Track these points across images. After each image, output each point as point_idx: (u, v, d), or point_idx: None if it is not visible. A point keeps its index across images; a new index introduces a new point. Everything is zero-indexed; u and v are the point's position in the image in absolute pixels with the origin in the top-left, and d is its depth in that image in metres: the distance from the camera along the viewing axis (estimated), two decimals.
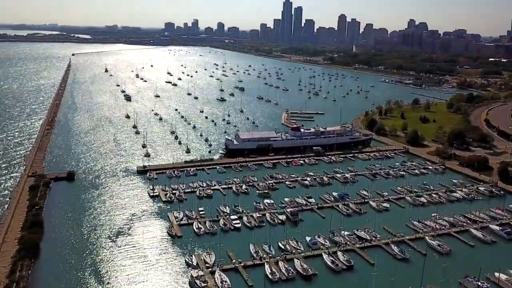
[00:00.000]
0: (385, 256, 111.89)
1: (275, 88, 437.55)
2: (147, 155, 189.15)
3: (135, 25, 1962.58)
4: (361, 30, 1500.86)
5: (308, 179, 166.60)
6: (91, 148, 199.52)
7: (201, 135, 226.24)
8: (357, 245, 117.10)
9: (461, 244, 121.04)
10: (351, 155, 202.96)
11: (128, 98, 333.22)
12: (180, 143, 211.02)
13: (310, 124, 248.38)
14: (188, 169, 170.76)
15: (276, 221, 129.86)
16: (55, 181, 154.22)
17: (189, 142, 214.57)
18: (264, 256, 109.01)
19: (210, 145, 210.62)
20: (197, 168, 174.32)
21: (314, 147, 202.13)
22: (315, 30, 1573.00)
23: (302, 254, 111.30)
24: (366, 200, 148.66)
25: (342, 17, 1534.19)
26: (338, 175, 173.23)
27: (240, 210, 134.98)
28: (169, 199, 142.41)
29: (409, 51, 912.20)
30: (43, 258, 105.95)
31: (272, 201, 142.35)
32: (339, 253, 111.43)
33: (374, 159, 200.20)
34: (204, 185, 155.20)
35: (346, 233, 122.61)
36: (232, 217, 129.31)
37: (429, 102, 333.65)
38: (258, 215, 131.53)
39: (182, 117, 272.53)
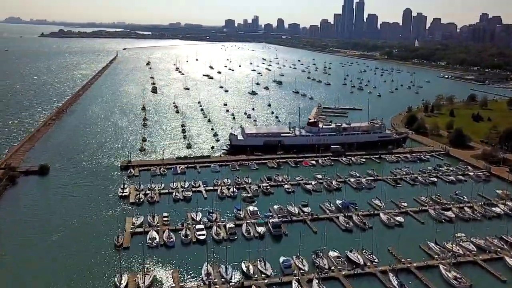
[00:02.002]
0: None
1: (317, 83, 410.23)
2: (142, 149, 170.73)
3: (197, 22, 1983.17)
4: (428, 25, 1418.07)
5: (313, 183, 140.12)
6: (86, 140, 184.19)
7: (212, 129, 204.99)
8: (344, 272, 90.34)
9: (490, 277, 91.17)
10: (376, 156, 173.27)
11: (154, 89, 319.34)
12: (185, 137, 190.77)
13: (342, 120, 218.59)
14: (176, 166, 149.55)
15: (252, 234, 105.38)
16: (25, 175, 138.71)
17: (196, 136, 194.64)
18: (216, 280, 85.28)
19: (218, 140, 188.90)
20: (189, 165, 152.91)
21: (332, 146, 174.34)
22: (378, 26, 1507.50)
23: (266, 281, 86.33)
24: (376, 212, 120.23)
25: (407, 12, 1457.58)
26: (351, 179, 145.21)
27: (213, 218, 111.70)
28: (137, 200, 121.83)
29: (478, 46, 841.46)
30: None
31: (256, 209, 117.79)
32: (315, 282, 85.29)
33: (405, 161, 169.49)
34: (186, 186, 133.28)
35: (334, 254, 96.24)
36: (198, 226, 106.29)
37: (486, 98, 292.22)
38: (231, 225, 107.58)
39: (202, 110, 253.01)
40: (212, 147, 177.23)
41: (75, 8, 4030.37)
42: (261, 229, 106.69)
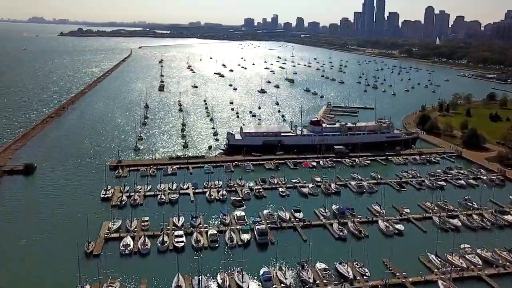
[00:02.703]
0: None
1: (330, 81, 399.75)
2: (136, 148, 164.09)
3: (217, 21, 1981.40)
4: (451, 23, 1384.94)
5: (310, 186, 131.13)
6: (81, 138, 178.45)
7: (213, 128, 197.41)
8: (331, 287, 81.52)
9: None
10: (383, 157, 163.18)
11: (161, 87, 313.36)
12: (183, 136, 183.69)
13: (351, 120, 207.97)
14: (167, 167, 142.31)
15: (235, 241, 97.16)
16: (10, 175, 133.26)
17: (196, 135, 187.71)
18: None
19: (217, 139, 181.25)
20: (181, 166, 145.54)
21: (335, 146, 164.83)
22: (400, 24, 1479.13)
23: None
24: (374, 219, 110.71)
25: (429, 9, 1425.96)
26: (352, 182, 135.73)
27: (196, 223, 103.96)
28: (119, 203, 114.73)
29: (502, 44, 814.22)
30: None
31: (243, 214, 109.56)
32: None
33: (413, 163, 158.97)
34: (174, 187, 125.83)
35: (322, 266, 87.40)
36: (177, 233, 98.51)
37: (506, 97, 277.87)
38: (213, 232, 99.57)
39: (206, 108, 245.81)
40: (210, 147, 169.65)
41: (97, 8, 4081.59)
42: (245, 237, 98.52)
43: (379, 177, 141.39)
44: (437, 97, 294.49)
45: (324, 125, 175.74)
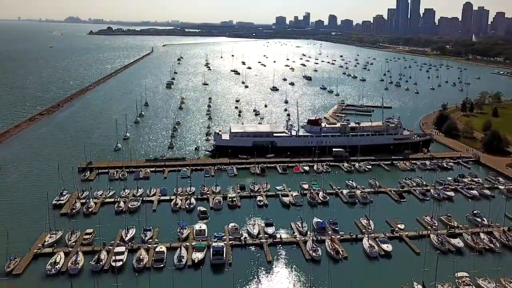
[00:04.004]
0: None
1: (352, 78, 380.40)
2: (116, 149, 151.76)
3: (249, 20, 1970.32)
4: (490, 20, 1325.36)
5: (294, 194, 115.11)
6: (62, 137, 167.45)
7: (208, 127, 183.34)
8: None
9: None
10: (388, 162, 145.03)
11: (168, 85, 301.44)
12: (172, 136, 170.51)
13: (364, 120, 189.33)
14: (140, 170, 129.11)
15: (184, 261, 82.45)
16: None
17: (187, 135, 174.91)
18: None
19: (208, 140, 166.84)
20: (156, 169, 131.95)
21: (334, 149, 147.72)
22: (436, 21, 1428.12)
23: None
24: (360, 236, 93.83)
25: (467, 5, 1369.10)
26: (344, 191, 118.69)
27: (147, 238, 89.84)
28: (69, 211, 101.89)
29: None
30: None
31: (205, 227, 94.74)
32: None
33: (422, 169, 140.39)
34: (139, 194, 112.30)
35: None
36: (118, 249, 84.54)
37: None
38: (160, 249, 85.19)
39: (209, 106, 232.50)
40: (197, 148, 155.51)
41: (132, 9, 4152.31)
42: (198, 256, 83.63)
43: (377, 184, 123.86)
44: (464, 96, 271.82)
45: (323, 124, 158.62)
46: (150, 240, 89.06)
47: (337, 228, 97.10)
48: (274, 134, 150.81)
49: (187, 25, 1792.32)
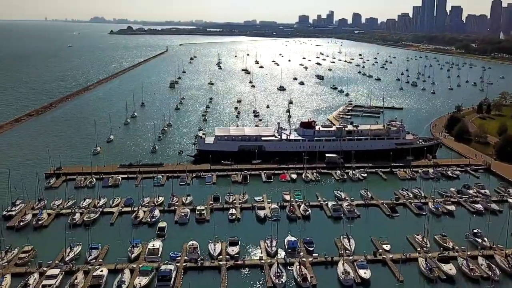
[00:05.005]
0: None
1: (367, 78, 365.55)
2: (95, 152, 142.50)
3: (272, 19, 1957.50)
4: None
5: (272, 206, 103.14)
6: (40, 140, 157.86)
7: (199, 129, 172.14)
8: None
9: None
10: (386, 169, 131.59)
11: (172, 84, 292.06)
12: (159, 139, 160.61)
13: (372, 122, 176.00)
14: (109, 177, 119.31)
15: (125, 287, 71.68)
16: None
17: (175, 138, 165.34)
18: None
19: (195, 143, 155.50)
20: (128, 176, 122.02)
21: (327, 155, 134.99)
22: (463, 19, 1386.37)
23: None
24: (335, 259, 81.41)
25: (496, 2, 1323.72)
26: (330, 203, 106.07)
27: (91, 258, 79.54)
28: (17, 224, 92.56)
29: None
30: None
31: (159, 245, 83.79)
32: None
33: (424, 178, 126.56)
34: (99, 204, 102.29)
35: None
36: (52, 271, 74.41)
37: None
38: (100, 272, 74.58)
39: (208, 106, 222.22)
40: (180, 152, 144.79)
41: (156, 8, 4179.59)
42: (141, 281, 72.71)
43: (369, 196, 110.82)
44: (483, 96, 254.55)
45: (317, 127, 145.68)
46: (94, 261, 78.59)
47: (311, 249, 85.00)
48: (262, 138, 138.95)
49: (211, 24, 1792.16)
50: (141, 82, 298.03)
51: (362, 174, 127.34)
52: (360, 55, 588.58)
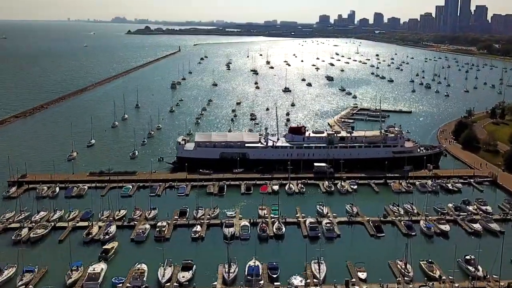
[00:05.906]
0: None
1: (380, 79, 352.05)
2: (70, 158, 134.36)
3: (293, 19, 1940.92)
4: None
5: (242, 224, 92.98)
6: (16, 144, 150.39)
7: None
8: None
9: None
10: (380, 181, 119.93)
11: (173, 85, 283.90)
12: (143, 144, 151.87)
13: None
14: (75, 186, 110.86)
15: None
16: None
17: (160, 143, 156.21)
18: None
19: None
20: (96, 185, 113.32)
21: (315, 164, 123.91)
22: (488, 18, 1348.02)
23: None
24: (301, 285, 70.84)
25: None
26: (309, 220, 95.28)
27: (22, 283, 70.63)
28: None
29: None
30: None
31: (100, 269, 74.34)
32: None
33: (421, 192, 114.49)
34: (54, 217, 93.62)
35: None
36: None
37: None
38: None
39: (204, 109, 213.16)
40: (160, 159, 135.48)
41: (177, 9, 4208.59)
42: None
43: (355, 211, 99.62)
44: (500, 100, 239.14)
45: (308, 133, 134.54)
46: (23, 287, 69.61)
47: (275, 276, 74.47)
48: (246, 145, 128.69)
49: (231, 25, 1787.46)
50: (142, 83, 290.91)
51: (352, 186, 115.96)
52: (377, 55, 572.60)
